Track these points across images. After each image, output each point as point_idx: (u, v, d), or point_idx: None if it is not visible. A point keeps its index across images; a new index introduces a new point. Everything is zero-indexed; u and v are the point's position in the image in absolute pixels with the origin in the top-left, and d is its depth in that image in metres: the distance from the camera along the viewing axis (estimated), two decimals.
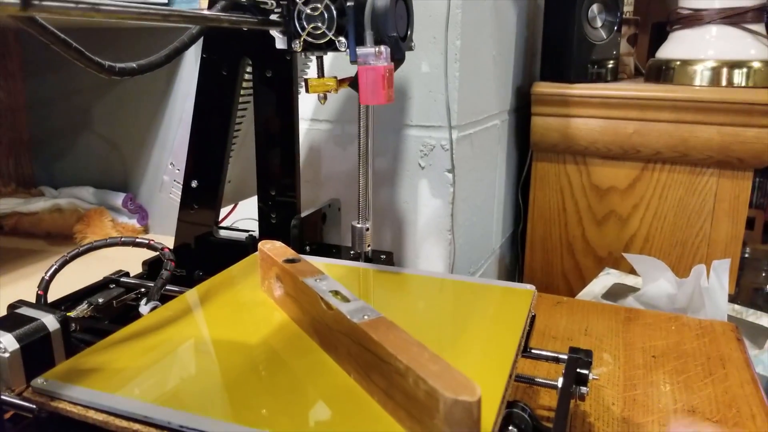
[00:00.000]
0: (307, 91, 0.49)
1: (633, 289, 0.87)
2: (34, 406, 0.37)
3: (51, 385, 0.36)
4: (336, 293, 0.39)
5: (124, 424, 0.33)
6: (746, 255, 2.03)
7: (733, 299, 0.94)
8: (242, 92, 0.62)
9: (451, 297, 0.50)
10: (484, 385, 0.35)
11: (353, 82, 0.47)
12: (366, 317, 0.36)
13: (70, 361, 0.39)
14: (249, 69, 0.61)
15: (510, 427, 0.37)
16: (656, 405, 0.53)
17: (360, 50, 0.44)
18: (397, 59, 0.46)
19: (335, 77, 0.49)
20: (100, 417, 0.34)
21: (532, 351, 0.47)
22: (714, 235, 0.99)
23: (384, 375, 0.33)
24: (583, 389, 0.45)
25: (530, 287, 0.49)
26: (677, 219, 1.00)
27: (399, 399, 0.32)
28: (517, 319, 0.43)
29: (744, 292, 1.93)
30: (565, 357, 0.45)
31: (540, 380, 0.48)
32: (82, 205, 0.94)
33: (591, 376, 0.44)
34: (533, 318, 0.47)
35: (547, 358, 0.46)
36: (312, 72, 0.68)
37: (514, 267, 1.17)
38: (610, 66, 1.07)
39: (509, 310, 0.45)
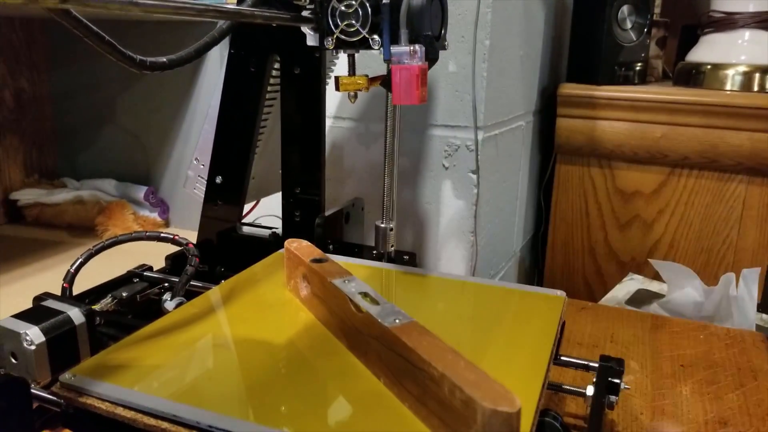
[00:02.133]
0: (337, 89, 0.49)
1: (658, 296, 0.86)
2: (62, 402, 0.37)
3: (79, 381, 0.35)
4: (365, 295, 0.39)
5: (153, 422, 0.33)
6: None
7: (760, 308, 0.93)
8: (269, 89, 0.62)
9: (481, 301, 0.49)
10: (519, 394, 0.34)
11: (385, 81, 0.46)
12: (397, 321, 0.35)
13: (97, 357, 0.39)
14: (276, 65, 0.61)
15: None
16: (686, 416, 0.52)
17: (394, 49, 0.43)
18: (431, 59, 0.46)
19: (366, 76, 0.49)
20: (129, 414, 0.33)
21: (562, 358, 0.46)
22: (741, 243, 0.97)
23: (417, 382, 0.32)
24: (613, 398, 0.44)
25: (561, 293, 0.48)
26: (703, 226, 0.98)
27: (432, 407, 0.31)
28: (549, 325, 0.42)
29: (765, 301, 1.89)
30: (596, 365, 0.44)
31: (567, 387, 0.47)
32: (104, 198, 0.94)
33: (622, 386, 0.43)
34: (563, 325, 0.46)
35: (576, 366, 0.45)
36: (341, 70, 0.67)
37: (533, 270, 1.16)
38: (638, 68, 1.05)
39: (540, 316, 0.44)
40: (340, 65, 0.70)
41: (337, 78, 0.48)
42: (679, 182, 0.98)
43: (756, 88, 0.94)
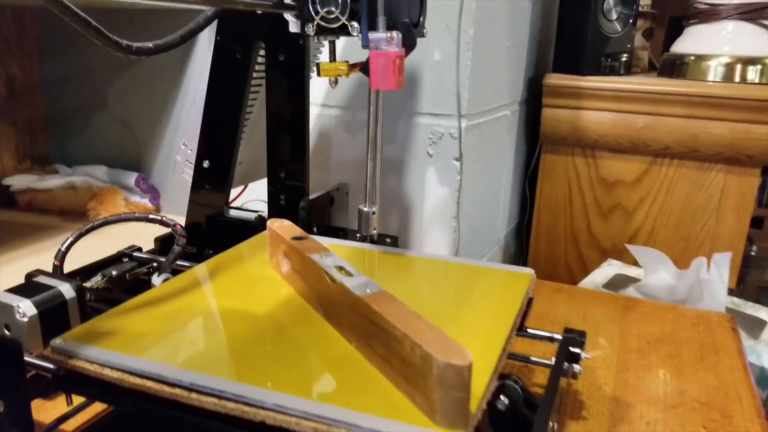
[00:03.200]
0: (318, 74, 0.51)
1: (634, 280, 0.89)
2: (53, 366, 0.39)
3: (68, 345, 0.38)
4: (341, 269, 0.41)
5: (138, 381, 0.35)
6: (752, 253, 2.03)
7: (738, 296, 0.95)
8: (255, 75, 0.64)
9: (453, 277, 0.51)
10: (479, 356, 0.36)
11: (364, 67, 0.48)
12: (368, 291, 0.37)
13: (86, 325, 0.41)
14: (262, 53, 0.63)
15: (501, 397, 0.39)
16: (647, 387, 0.54)
17: (372, 35, 0.46)
18: (409, 45, 0.48)
19: (347, 62, 0.51)
20: (116, 375, 0.36)
21: (528, 330, 0.48)
22: (718, 230, 0.99)
23: (383, 343, 0.34)
24: (576, 368, 0.46)
25: (529, 270, 0.50)
26: (683, 214, 1.01)
27: (396, 364, 0.33)
28: (515, 299, 0.45)
29: (749, 290, 1.93)
30: (560, 337, 0.46)
31: (535, 359, 0.49)
32: (96, 184, 0.96)
33: (583, 355, 0.45)
34: (531, 300, 0.49)
35: (542, 338, 0.48)
36: (324, 56, 0.69)
37: (518, 257, 1.19)
38: (623, 59, 1.07)
39: (507, 290, 0.47)
40: (325, 52, 0.72)
41: (318, 64, 0.50)
42: (660, 171, 1.00)
43: (738, 79, 0.97)
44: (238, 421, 0.33)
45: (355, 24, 0.47)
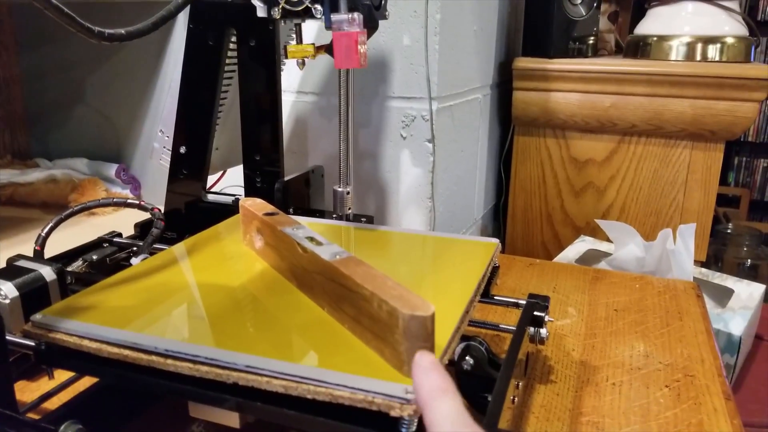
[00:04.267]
0: (286, 57, 0.52)
1: (606, 255, 0.91)
2: (34, 343, 0.41)
3: (48, 320, 0.39)
4: (311, 239, 0.43)
5: (115, 350, 0.37)
6: (729, 231, 2.08)
7: (705, 264, 0.99)
8: (228, 61, 0.65)
9: (421, 248, 0.53)
10: (442, 314, 0.39)
11: (329, 48, 0.50)
12: (338, 257, 0.39)
13: (65, 301, 0.43)
14: (234, 39, 0.64)
15: (467, 357, 0.41)
16: (613, 351, 0.57)
17: (334, 17, 0.47)
18: (371, 27, 0.49)
19: (313, 44, 0.52)
20: (94, 345, 0.37)
21: (495, 297, 0.50)
22: (687, 204, 1.02)
23: (353, 304, 0.36)
24: (543, 332, 0.49)
25: (494, 240, 0.52)
26: (652, 190, 1.04)
27: (366, 323, 0.35)
28: (479, 265, 0.47)
29: (728, 267, 1.98)
30: (524, 302, 0.49)
31: (504, 326, 0.51)
32: (77, 176, 0.97)
33: (546, 318, 0.47)
34: (497, 268, 0.51)
35: (508, 304, 0.50)
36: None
37: (496, 237, 1.21)
38: (590, 42, 1.10)
39: (472, 258, 0.49)
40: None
41: (285, 46, 0.52)
42: (629, 149, 1.03)
43: (698, 58, 1.00)
44: (212, 384, 0.35)
45: (318, 6, 0.48)
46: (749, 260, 1.97)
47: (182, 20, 0.74)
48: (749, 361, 0.91)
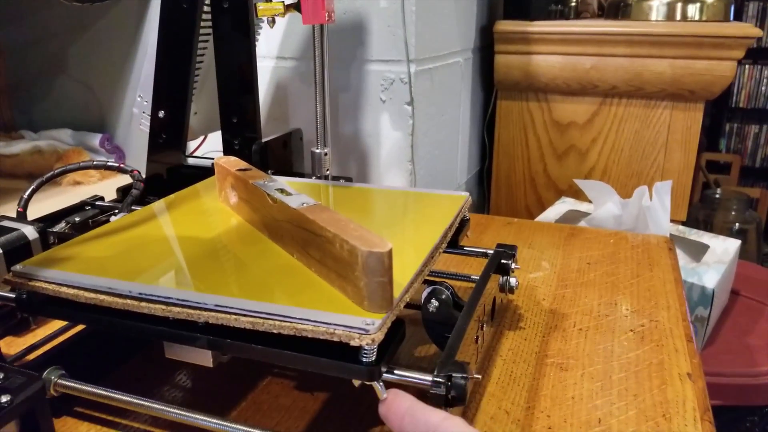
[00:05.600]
0: (256, 15, 0.53)
1: (586, 215, 0.93)
2: (15, 294, 0.42)
3: (28, 269, 0.41)
4: (281, 191, 0.44)
5: (92, 296, 0.38)
6: (717, 196, 2.10)
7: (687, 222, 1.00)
8: (203, 24, 0.66)
9: (393, 202, 0.55)
10: (406, 257, 0.40)
11: (297, 5, 0.50)
12: (304, 204, 0.41)
13: (45, 253, 0.44)
14: (208, 1, 0.65)
15: (432, 300, 0.43)
16: (582, 300, 0.59)
17: None
18: None
19: (282, 1, 0.53)
20: (71, 292, 0.39)
21: (464, 248, 0.52)
22: (668, 165, 1.04)
23: (318, 247, 0.38)
24: (513, 281, 0.50)
25: (464, 194, 0.54)
26: (633, 151, 1.05)
27: (330, 264, 0.37)
28: (447, 216, 0.48)
29: (717, 231, 2.00)
30: (492, 252, 0.50)
31: (474, 277, 0.53)
32: (61, 147, 0.97)
33: (513, 266, 0.49)
34: (466, 220, 0.52)
35: (477, 254, 0.52)
36: None
37: (481, 202, 1.23)
38: (572, 4, 1.10)
39: (442, 210, 0.50)
40: None
41: (255, 5, 0.52)
42: (610, 111, 1.04)
43: (678, 17, 1.00)
44: (184, 324, 0.37)
45: None
46: (737, 224, 1.99)
47: None
48: (725, 315, 0.93)
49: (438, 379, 0.33)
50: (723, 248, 0.87)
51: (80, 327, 0.48)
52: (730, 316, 0.93)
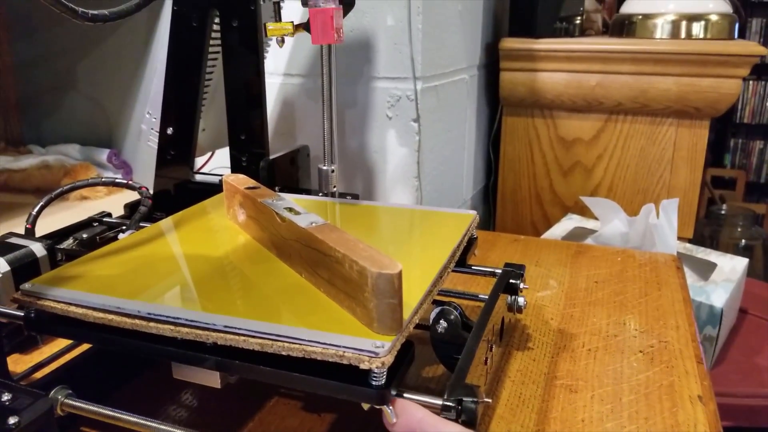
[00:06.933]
0: (266, 35, 0.53)
1: (592, 232, 0.93)
2: (23, 312, 0.42)
3: (37, 288, 0.41)
4: (290, 209, 0.44)
5: (101, 315, 0.38)
6: (723, 211, 2.09)
7: (693, 240, 1.00)
8: (212, 42, 0.66)
9: (400, 219, 0.55)
10: (416, 277, 0.40)
11: (306, 25, 0.51)
12: (313, 224, 0.41)
13: (53, 272, 0.44)
14: (218, 20, 0.65)
15: (441, 321, 0.42)
16: (591, 319, 0.58)
17: None
18: (347, 3, 0.50)
19: (291, 22, 0.53)
20: (80, 311, 0.39)
21: (472, 267, 0.52)
22: (673, 182, 1.04)
23: (327, 267, 0.38)
24: (521, 301, 0.50)
25: (472, 212, 0.54)
26: (639, 168, 1.05)
27: (339, 284, 0.37)
28: (455, 235, 0.48)
29: (722, 247, 1.99)
30: (500, 271, 0.50)
31: (483, 296, 0.53)
32: (69, 162, 0.98)
33: (521, 286, 0.49)
34: (474, 238, 0.52)
35: (485, 273, 0.52)
36: None
37: (487, 218, 1.23)
38: (576, 22, 1.11)
39: (449, 228, 0.50)
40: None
41: (264, 25, 0.53)
42: (615, 128, 1.04)
43: (683, 36, 1.00)
44: (193, 345, 0.36)
45: None
46: (743, 240, 1.98)
47: (169, 3, 0.75)
48: (733, 333, 0.93)
49: (448, 403, 0.32)
50: (731, 266, 0.86)
51: (87, 345, 0.47)
52: (739, 335, 0.92)
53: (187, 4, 0.65)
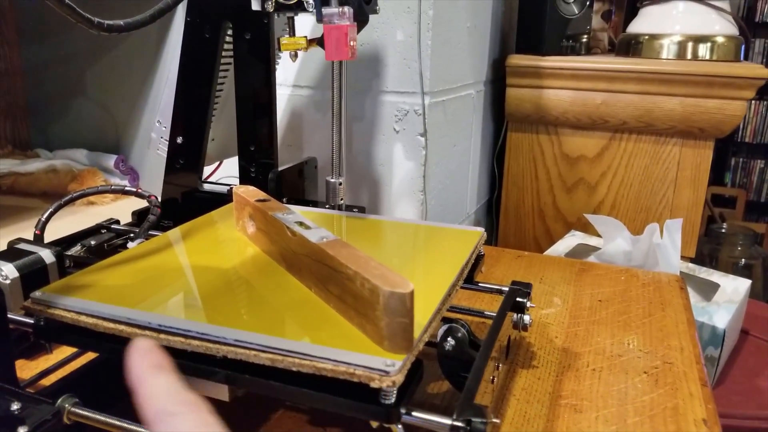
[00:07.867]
0: (279, 49, 0.54)
1: (595, 249, 0.93)
2: (32, 321, 0.42)
3: (47, 297, 0.41)
4: (300, 224, 0.45)
5: (111, 325, 0.38)
6: (723, 230, 2.10)
7: (696, 260, 1.00)
8: (224, 54, 0.67)
9: (408, 235, 0.55)
10: (425, 294, 0.40)
11: (320, 40, 0.51)
12: (324, 239, 0.41)
13: (63, 280, 0.44)
14: (229, 32, 0.66)
15: (448, 339, 0.43)
16: (595, 339, 0.59)
17: (325, 10, 0.49)
18: (361, 20, 0.51)
19: (305, 36, 0.54)
20: (90, 321, 0.39)
21: (479, 284, 0.52)
22: (677, 201, 1.04)
23: (338, 283, 0.38)
24: (526, 319, 0.50)
25: (480, 229, 0.54)
26: (642, 186, 1.05)
27: (350, 301, 0.37)
28: (463, 252, 0.49)
29: (722, 266, 1.99)
30: (507, 288, 0.50)
31: (488, 313, 0.53)
32: (76, 166, 0.98)
33: (528, 304, 0.49)
34: (481, 256, 0.52)
35: (491, 290, 0.52)
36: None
37: (489, 232, 1.23)
38: (583, 40, 1.11)
39: (457, 246, 0.51)
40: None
41: (278, 39, 0.53)
42: (620, 146, 1.05)
43: (689, 56, 1.01)
44: (203, 358, 0.37)
45: (310, 0, 0.50)
46: (743, 260, 1.98)
47: (180, 13, 0.76)
48: (735, 354, 0.93)
49: (458, 424, 0.32)
50: (733, 287, 0.87)
51: (93, 354, 0.48)
52: (740, 356, 0.92)
53: (201, 16, 0.65)
